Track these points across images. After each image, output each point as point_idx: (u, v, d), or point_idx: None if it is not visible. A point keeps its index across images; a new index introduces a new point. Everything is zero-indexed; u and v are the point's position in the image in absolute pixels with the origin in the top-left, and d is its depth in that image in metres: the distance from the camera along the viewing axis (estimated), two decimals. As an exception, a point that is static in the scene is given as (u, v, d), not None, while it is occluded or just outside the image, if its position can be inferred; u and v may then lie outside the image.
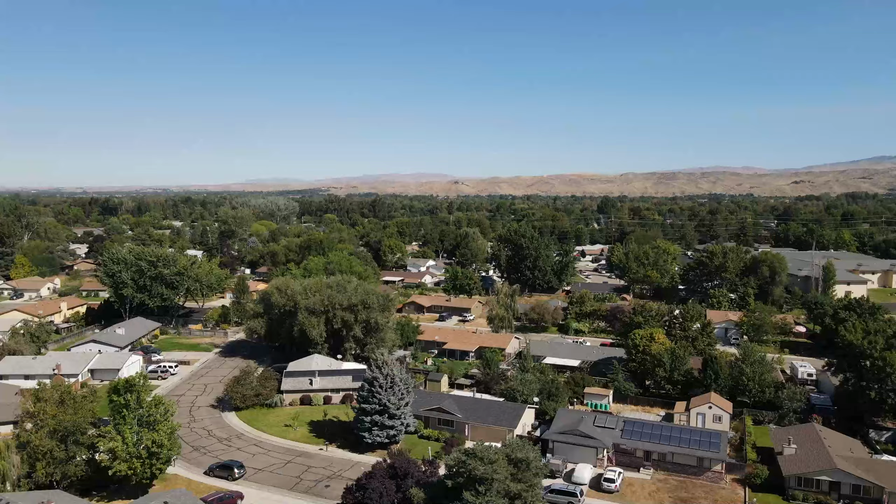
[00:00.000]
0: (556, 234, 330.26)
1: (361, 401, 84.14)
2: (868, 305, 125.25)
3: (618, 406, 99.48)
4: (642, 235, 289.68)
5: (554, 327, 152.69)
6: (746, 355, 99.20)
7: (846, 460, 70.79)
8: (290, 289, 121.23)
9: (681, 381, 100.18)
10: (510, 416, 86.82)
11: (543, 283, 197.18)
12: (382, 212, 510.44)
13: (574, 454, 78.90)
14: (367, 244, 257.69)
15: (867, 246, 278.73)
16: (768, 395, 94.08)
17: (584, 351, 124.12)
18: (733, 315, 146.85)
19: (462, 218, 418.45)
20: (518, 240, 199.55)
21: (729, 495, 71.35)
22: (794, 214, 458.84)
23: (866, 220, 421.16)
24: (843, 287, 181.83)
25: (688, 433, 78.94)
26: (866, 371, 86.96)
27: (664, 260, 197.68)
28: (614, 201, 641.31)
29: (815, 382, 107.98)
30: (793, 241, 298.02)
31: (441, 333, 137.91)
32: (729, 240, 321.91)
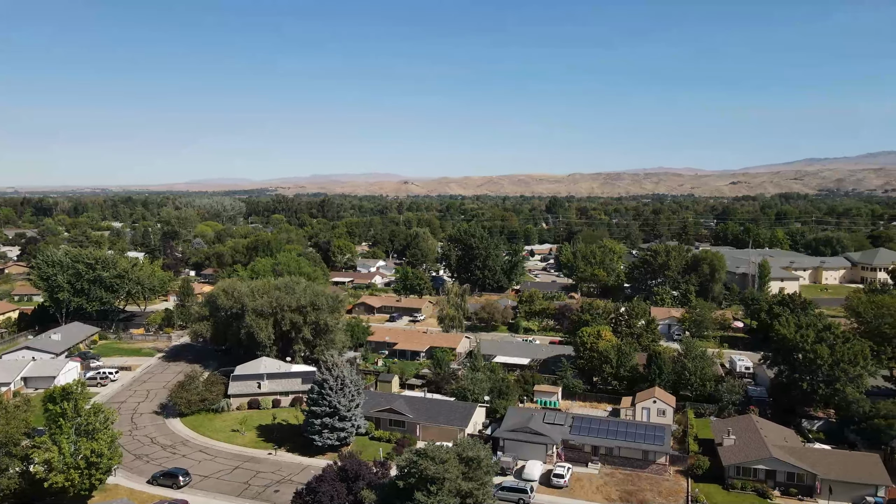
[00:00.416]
0: (506, 233, 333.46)
1: (311, 403, 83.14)
2: (800, 301, 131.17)
3: (567, 403, 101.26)
4: (589, 235, 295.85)
5: (504, 326, 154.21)
6: (688, 350, 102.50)
7: (781, 449, 73.98)
8: (237, 290, 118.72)
9: (627, 376, 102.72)
10: (461, 415, 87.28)
11: (493, 282, 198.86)
12: (332, 212, 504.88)
13: (524, 451, 79.96)
14: (316, 245, 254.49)
15: (799, 244, 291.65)
16: (709, 389, 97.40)
17: (534, 349, 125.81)
18: (676, 312, 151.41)
19: (412, 218, 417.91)
20: (468, 240, 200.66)
21: (672, 487, 73.59)
22: (732, 214, 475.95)
23: (798, 219, 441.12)
24: (778, 283, 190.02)
25: (633, 428, 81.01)
26: (798, 363, 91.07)
27: (610, 259, 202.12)
28: (562, 201, 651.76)
29: (752, 375, 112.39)
30: (731, 240, 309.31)
31: (391, 334, 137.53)
32: (671, 239, 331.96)
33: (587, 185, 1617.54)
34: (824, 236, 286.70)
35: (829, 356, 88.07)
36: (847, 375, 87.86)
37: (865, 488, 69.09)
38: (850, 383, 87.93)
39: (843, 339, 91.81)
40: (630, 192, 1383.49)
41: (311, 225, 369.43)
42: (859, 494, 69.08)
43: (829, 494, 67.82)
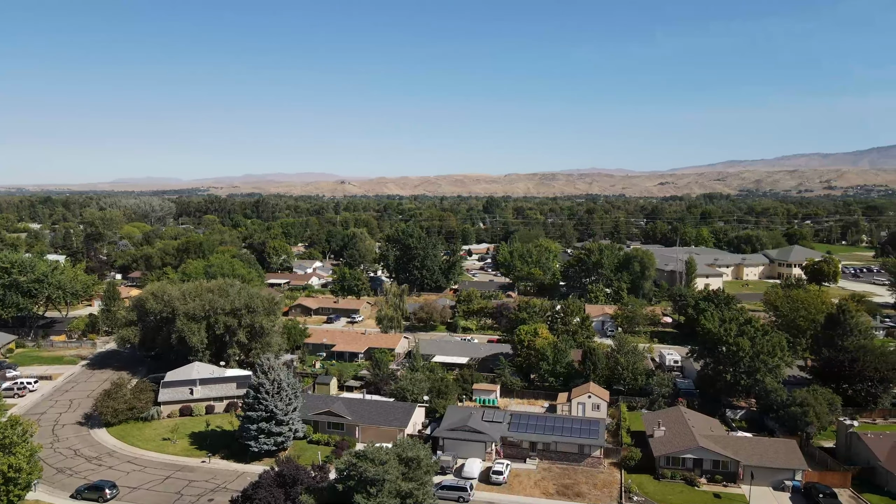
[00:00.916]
0: (444, 233, 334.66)
1: (247, 408, 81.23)
2: (723, 296, 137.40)
3: (505, 400, 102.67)
4: (526, 234, 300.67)
5: (443, 326, 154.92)
6: (621, 346, 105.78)
7: (707, 438, 77.43)
8: (168, 294, 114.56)
9: (563, 373, 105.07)
10: (401, 415, 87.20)
11: (432, 282, 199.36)
12: (266, 212, 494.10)
13: (464, 450, 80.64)
14: (251, 246, 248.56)
15: (722, 242, 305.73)
16: (640, 383, 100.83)
17: (472, 348, 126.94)
18: (609, 308, 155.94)
19: (349, 218, 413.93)
20: (406, 240, 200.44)
21: (607, 478, 75.84)
22: (661, 213, 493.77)
23: (721, 218, 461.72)
24: (703, 280, 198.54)
25: (569, 423, 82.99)
26: (722, 356, 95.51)
27: (546, 258, 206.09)
28: (499, 201, 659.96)
29: (681, 368, 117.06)
30: (660, 239, 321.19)
31: (329, 335, 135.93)
32: (604, 238, 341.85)
33: (523, 186, 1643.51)
34: (745, 234, 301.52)
35: (750, 348, 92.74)
36: (766, 366, 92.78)
37: (784, 472, 73.18)
38: (769, 374, 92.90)
39: (763, 332, 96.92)
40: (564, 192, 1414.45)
41: (246, 226, 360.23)
42: (778, 479, 73.10)
43: (751, 480, 71.44)
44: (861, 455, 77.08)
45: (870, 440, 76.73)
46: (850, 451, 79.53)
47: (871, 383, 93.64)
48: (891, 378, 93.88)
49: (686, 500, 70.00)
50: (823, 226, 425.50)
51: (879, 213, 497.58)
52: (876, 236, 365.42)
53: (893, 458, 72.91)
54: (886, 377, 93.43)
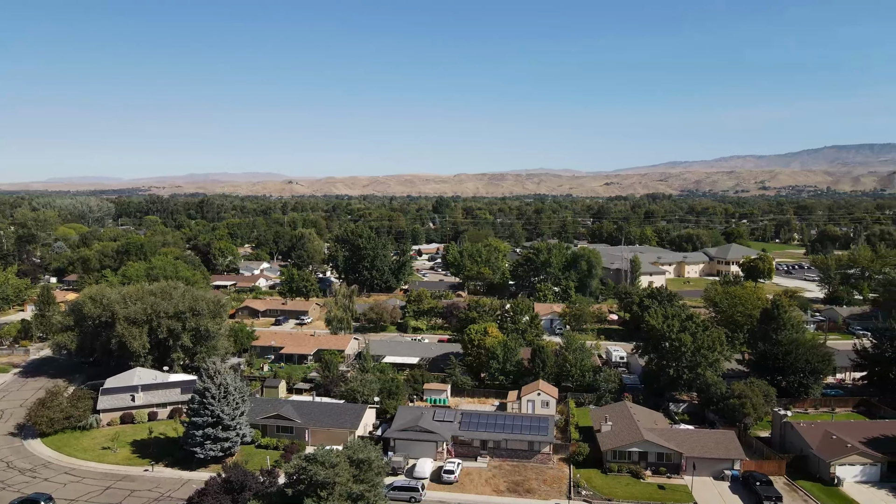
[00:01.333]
0: (393, 233, 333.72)
1: (192, 414, 79.14)
2: (666, 293, 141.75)
3: (456, 399, 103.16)
4: (475, 234, 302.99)
5: (393, 326, 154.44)
6: (569, 344, 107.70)
7: (652, 432, 79.69)
8: (107, 298, 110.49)
9: (513, 371, 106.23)
10: (351, 417, 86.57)
11: (381, 282, 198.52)
12: (211, 213, 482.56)
13: (415, 450, 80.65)
14: (196, 247, 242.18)
15: (665, 241, 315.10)
16: (588, 379, 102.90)
17: (423, 348, 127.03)
18: (557, 307, 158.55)
19: (297, 219, 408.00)
20: (355, 240, 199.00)
21: (556, 474, 77.15)
22: (607, 213, 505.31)
23: (664, 217, 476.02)
24: (647, 278, 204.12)
25: (519, 420, 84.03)
26: (666, 351, 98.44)
27: (496, 257, 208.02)
28: (448, 201, 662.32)
29: (626, 364, 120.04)
30: (606, 238, 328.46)
31: (278, 338, 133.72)
32: (552, 237, 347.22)
33: (472, 186, 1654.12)
34: (686, 233, 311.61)
35: (691, 344, 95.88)
36: (707, 360, 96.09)
37: (724, 462, 76.00)
38: (710, 368, 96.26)
39: (703, 328, 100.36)
40: (513, 192, 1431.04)
41: (190, 227, 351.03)
42: (719, 469, 75.87)
43: (693, 470, 73.95)
44: (794, 444, 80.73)
45: (802, 429, 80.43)
46: (785, 440, 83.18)
47: (802, 375, 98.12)
48: (821, 369, 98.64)
49: (632, 493, 71.86)
50: (758, 225, 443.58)
51: (809, 212, 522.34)
52: (806, 235, 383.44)
53: (824, 446, 76.64)
54: (817, 369, 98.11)
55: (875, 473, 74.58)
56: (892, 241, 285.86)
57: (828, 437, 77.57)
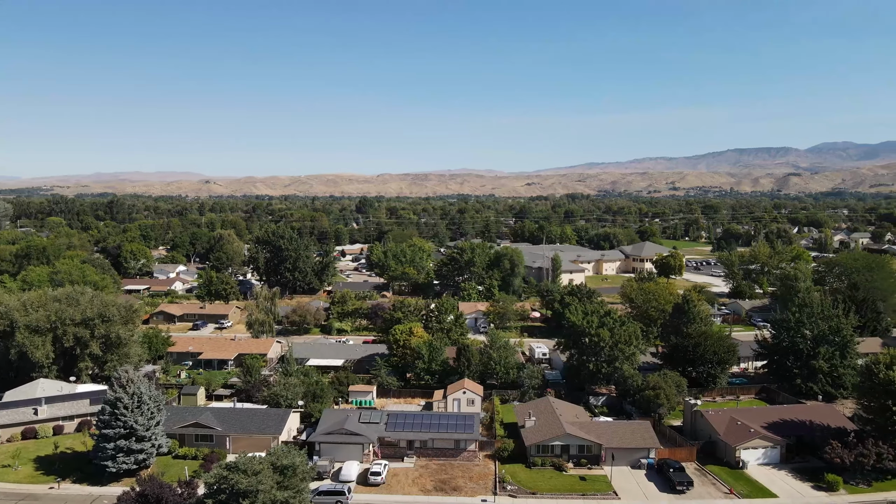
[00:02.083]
0: (316, 234, 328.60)
1: (103, 426, 75.03)
2: (586, 291, 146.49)
3: (382, 401, 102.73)
4: (399, 234, 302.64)
5: (317, 328, 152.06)
6: (493, 341, 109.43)
7: (573, 425, 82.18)
8: (5, 305, 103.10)
9: (438, 370, 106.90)
10: (274, 422, 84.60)
11: (304, 284, 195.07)
12: (122, 214, 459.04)
13: (341, 453, 79.77)
14: (105, 250, 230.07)
15: (584, 239, 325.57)
16: (512, 376, 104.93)
17: (348, 350, 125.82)
18: (481, 305, 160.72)
19: (215, 219, 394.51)
20: (277, 241, 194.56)
21: (482, 470, 78.25)
22: (528, 213, 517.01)
23: (583, 217, 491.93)
24: (567, 275, 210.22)
25: (445, 419, 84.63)
26: (586, 347, 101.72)
27: (420, 257, 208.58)
28: (372, 201, 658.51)
29: (549, 360, 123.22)
30: (528, 237, 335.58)
31: (196, 343, 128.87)
32: (476, 236, 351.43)
33: (396, 186, 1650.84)
34: (603, 232, 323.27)
35: (609, 339, 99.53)
36: (624, 354, 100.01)
37: (640, 452, 79.41)
38: (627, 361, 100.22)
39: (620, 323, 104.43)
40: (437, 192, 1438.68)
41: (98, 228, 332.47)
42: (636, 458, 79.19)
43: (612, 461, 76.85)
44: (704, 431, 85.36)
45: (711, 417, 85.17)
46: (695, 427, 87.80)
47: (711, 365, 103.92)
48: (727, 360, 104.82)
49: (555, 485, 73.89)
50: (670, 223, 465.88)
51: (715, 211, 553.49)
52: (712, 233, 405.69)
53: (730, 432, 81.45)
54: (723, 359, 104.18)
55: (775, 455, 79.95)
56: (787, 239, 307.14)
57: (733, 424, 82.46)
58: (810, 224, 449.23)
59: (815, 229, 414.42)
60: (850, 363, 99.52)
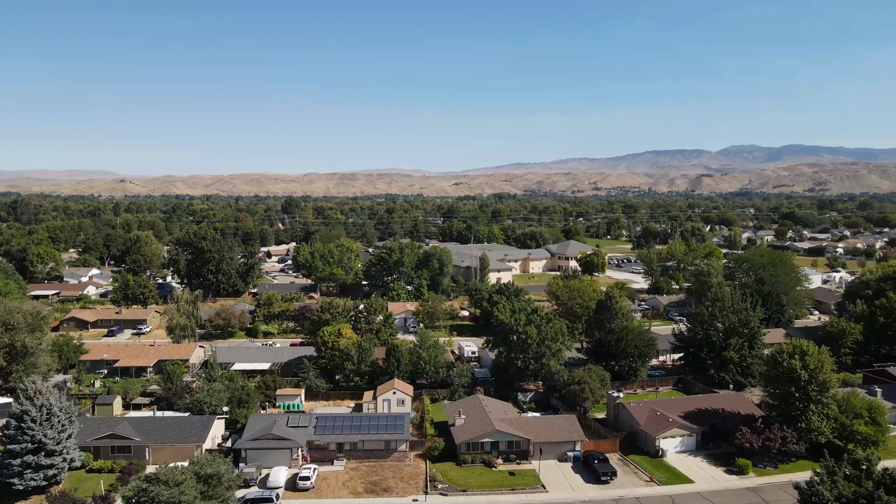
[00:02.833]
0: (241, 235, 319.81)
1: (8, 441, 70.29)
2: (513, 289, 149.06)
3: (311, 404, 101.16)
4: (327, 234, 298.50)
5: (242, 331, 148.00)
6: (423, 341, 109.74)
7: (502, 422, 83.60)
8: None
9: (368, 371, 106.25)
10: (197, 430, 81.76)
11: (228, 286, 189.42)
12: (27, 214, 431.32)
13: (269, 458, 78.01)
14: (8, 253, 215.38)
15: (511, 238, 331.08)
16: (442, 375, 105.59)
17: (275, 353, 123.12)
18: (411, 305, 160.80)
19: (132, 220, 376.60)
20: (199, 242, 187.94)
21: (413, 470, 78.39)
22: (456, 212, 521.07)
23: (509, 216, 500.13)
24: (495, 274, 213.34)
25: (375, 420, 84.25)
26: (514, 344, 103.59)
27: (348, 257, 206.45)
28: (298, 201, 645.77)
29: (478, 358, 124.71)
30: (456, 236, 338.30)
31: (111, 350, 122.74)
32: (404, 236, 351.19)
33: (323, 185, 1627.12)
34: (530, 231, 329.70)
35: (536, 336, 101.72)
36: (550, 351, 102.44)
37: (567, 445, 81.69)
38: (553, 357, 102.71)
39: (547, 320, 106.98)
40: (365, 192, 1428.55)
41: (0, 230, 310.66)
42: (562, 451, 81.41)
43: (540, 455, 78.71)
44: (626, 422, 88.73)
45: (632, 408, 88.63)
46: (618, 419, 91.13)
47: (632, 359, 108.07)
48: (647, 353, 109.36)
49: (485, 482, 74.95)
50: (593, 222, 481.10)
51: (635, 210, 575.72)
52: (633, 231, 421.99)
53: (650, 422, 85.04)
54: (644, 353, 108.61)
55: (692, 443, 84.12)
56: (700, 237, 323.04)
57: (653, 415, 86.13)
58: (721, 222, 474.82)
59: (725, 227, 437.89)
60: (757, 353, 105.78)
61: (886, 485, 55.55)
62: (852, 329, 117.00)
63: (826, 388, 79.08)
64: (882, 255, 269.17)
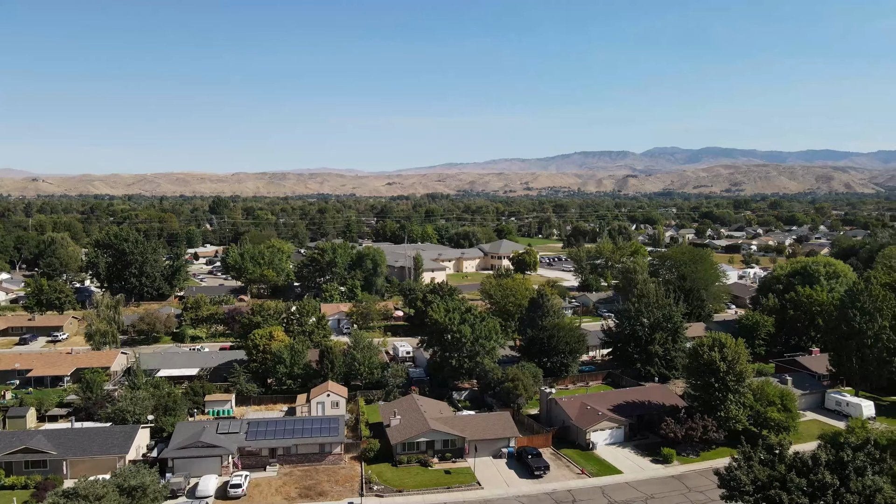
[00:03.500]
0: (165, 236, 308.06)
1: None
2: (447, 288, 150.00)
3: (242, 409, 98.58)
4: (257, 235, 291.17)
5: (168, 336, 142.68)
6: (357, 342, 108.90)
7: (437, 421, 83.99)
8: None
9: (301, 374, 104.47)
10: (120, 440, 78.21)
11: (153, 290, 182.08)
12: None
13: (198, 467, 75.50)
14: None
15: (444, 238, 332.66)
16: (377, 376, 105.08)
17: (203, 357, 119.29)
18: (344, 306, 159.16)
19: (45, 221, 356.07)
20: (120, 244, 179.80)
21: (348, 473, 77.69)
22: (390, 212, 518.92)
23: (443, 216, 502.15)
24: (429, 274, 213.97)
25: (309, 423, 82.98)
26: (448, 343, 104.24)
27: (279, 259, 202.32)
28: (227, 201, 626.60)
29: (413, 358, 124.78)
30: (390, 236, 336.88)
31: (23, 359, 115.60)
32: (337, 236, 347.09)
33: (252, 185, 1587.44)
34: (463, 231, 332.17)
35: (470, 334, 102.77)
36: (484, 349, 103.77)
37: (501, 441, 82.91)
38: (487, 355, 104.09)
39: (481, 319, 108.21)
40: (296, 192, 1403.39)
41: None
42: (497, 448, 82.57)
43: (475, 452, 79.56)
44: (558, 417, 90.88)
45: (564, 403, 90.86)
46: (551, 414, 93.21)
47: (563, 355, 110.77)
48: (577, 349, 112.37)
49: (421, 481, 75.13)
50: (524, 222, 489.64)
51: (565, 210, 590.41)
52: (563, 230, 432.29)
53: (581, 416, 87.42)
54: (574, 349, 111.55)
55: (620, 435, 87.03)
56: (627, 235, 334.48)
57: (584, 409, 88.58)
58: (646, 221, 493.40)
59: (650, 226, 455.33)
60: (680, 347, 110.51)
61: (797, 467, 59.22)
62: (765, 322, 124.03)
63: (742, 379, 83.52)
64: (791, 251, 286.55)
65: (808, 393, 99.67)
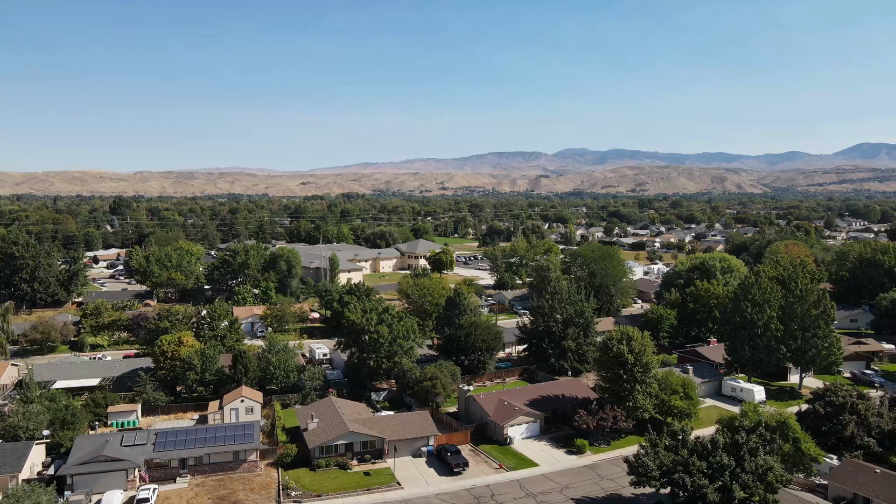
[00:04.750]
0: (61, 238, 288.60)
1: None
2: (364, 289, 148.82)
3: (149, 419, 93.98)
4: (163, 237, 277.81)
5: (65, 345, 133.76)
6: (271, 346, 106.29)
7: (356, 423, 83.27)
8: None
9: (213, 380, 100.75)
10: (11, 458, 72.58)
11: (47, 296, 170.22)
12: None
13: (100, 483, 71.34)
14: None
15: (360, 238, 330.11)
16: (293, 379, 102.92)
17: (105, 367, 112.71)
18: (258, 309, 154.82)
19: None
20: (8, 248, 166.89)
21: (264, 480, 75.72)
22: (304, 212, 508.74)
23: (359, 216, 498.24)
24: (346, 274, 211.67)
25: (222, 431, 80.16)
26: (366, 344, 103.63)
27: (188, 261, 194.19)
28: (129, 201, 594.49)
29: (330, 360, 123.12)
30: (304, 237, 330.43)
31: None
32: (250, 238, 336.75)
33: (158, 185, 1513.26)
34: (379, 231, 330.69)
35: (388, 334, 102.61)
36: (402, 349, 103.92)
37: (421, 441, 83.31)
38: (405, 355, 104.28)
39: (398, 319, 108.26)
40: (205, 192, 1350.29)
41: None
42: (416, 447, 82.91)
43: (395, 453, 79.51)
44: (477, 414, 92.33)
45: (482, 400, 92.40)
46: (469, 411, 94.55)
47: (480, 353, 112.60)
48: (494, 346, 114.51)
49: (340, 485, 74.32)
50: (441, 221, 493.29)
51: (480, 210, 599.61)
52: (479, 229, 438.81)
53: (498, 412, 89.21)
54: (491, 346, 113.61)
55: (536, 428, 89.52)
56: (540, 234, 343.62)
57: (501, 405, 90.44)
58: (558, 220, 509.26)
59: (562, 225, 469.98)
60: (591, 341, 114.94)
61: (698, 451, 63.19)
62: (668, 315, 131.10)
63: (648, 369, 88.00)
64: (690, 248, 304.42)
65: (707, 381, 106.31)
